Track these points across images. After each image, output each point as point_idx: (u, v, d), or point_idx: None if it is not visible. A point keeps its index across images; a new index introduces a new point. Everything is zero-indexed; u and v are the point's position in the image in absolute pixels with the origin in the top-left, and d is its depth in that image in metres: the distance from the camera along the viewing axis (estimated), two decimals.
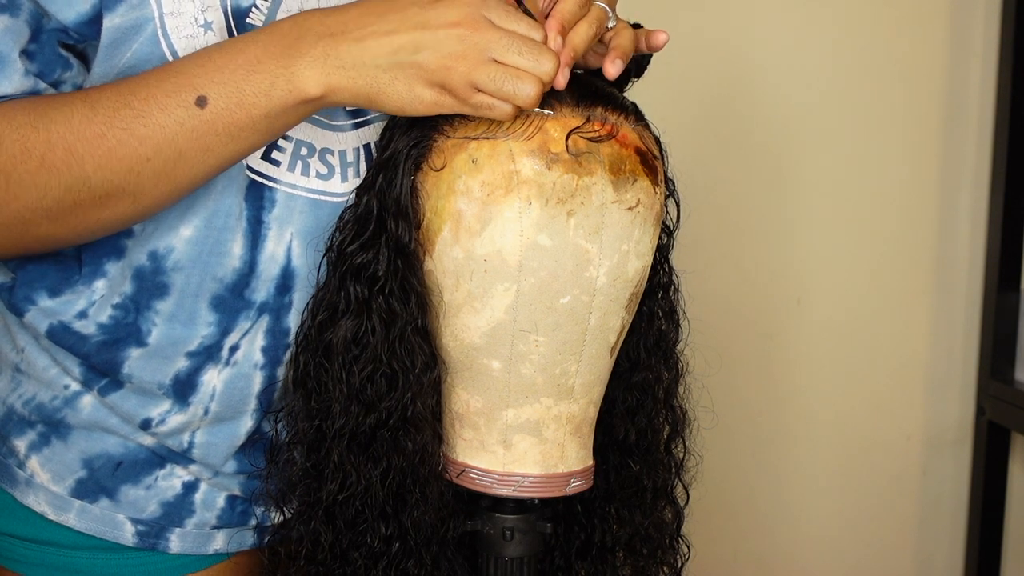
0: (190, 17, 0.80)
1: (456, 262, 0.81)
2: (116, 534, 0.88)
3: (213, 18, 0.80)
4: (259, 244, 0.85)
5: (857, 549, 1.79)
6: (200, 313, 0.85)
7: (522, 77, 0.75)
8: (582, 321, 0.81)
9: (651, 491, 0.94)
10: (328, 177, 0.86)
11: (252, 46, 0.76)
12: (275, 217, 0.85)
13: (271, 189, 0.85)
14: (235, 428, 0.89)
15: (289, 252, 0.86)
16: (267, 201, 0.85)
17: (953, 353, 1.77)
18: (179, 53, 0.79)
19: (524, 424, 0.84)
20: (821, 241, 1.73)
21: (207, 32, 0.80)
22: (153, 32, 0.79)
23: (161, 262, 0.84)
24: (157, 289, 0.85)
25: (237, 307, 0.86)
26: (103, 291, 0.85)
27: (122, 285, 0.85)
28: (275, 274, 0.86)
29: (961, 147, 1.73)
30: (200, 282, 0.85)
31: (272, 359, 0.88)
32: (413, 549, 0.85)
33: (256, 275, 0.86)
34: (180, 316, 0.85)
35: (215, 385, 0.87)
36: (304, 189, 0.86)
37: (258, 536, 0.93)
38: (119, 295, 0.85)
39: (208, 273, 0.85)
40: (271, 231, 0.85)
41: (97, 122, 0.76)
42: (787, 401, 1.75)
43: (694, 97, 1.66)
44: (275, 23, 0.78)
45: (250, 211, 0.84)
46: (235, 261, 0.85)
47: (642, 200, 0.81)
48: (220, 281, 0.85)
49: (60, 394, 0.87)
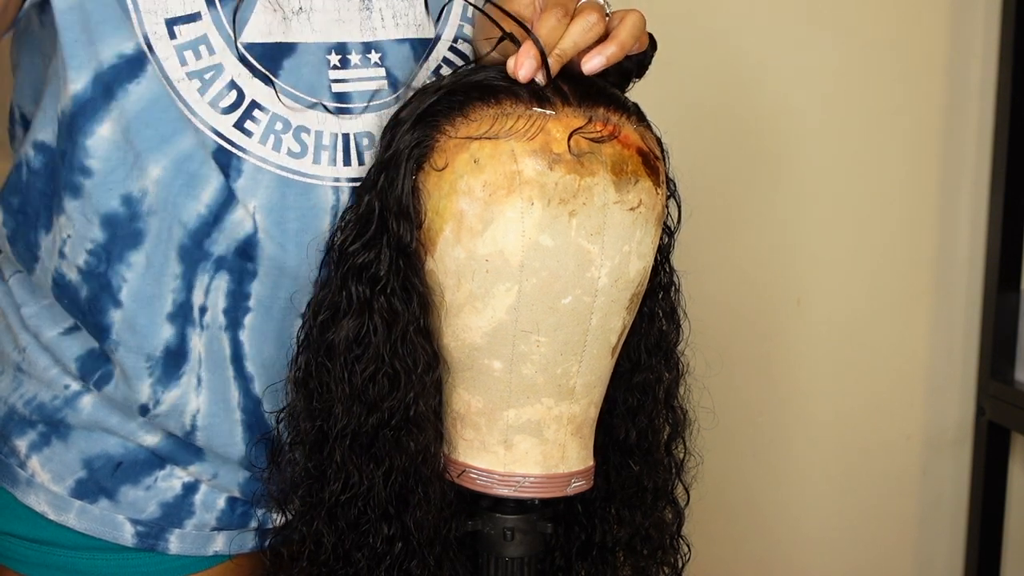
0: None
1: (458, 262, 0.81)
2: (116, 535, 0.88)
3: None
4: (228, 206, 0.84)
5: (857, 549, 1.79)
6: (169, 265, 0.85)
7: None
8: (583, 322, 0.81)
9: (651, 491, 0.94)
10: (300, 156, 0.85)
11: None
12: (240, 187, 0.84)
13: (239, 159, 0.84)
14: (226, 399, 0.88)
15: (255, 224, 0.85)
16: (234, 170, 0.84)
17: (953, 353, 1.77)
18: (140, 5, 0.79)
19: (525, 424, 0.84)
20: (821, 241, 1.73)
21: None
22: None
23: (137, 207, 0.83)
24: (132, 237, 0.84)
25: (196, 257, 0.85)
26: (68, 229, 0.84)
27: (89, 230, 0.84)
28: (239, 237, 0.85)
29: (961, 147, 1.73)
30: (170, 227, 0.84)
31: (232, 321, 0.87)
32: (416, 549, 0.85)
33: (220, 228, 0.84)
34: (153, 266, 0.85)
35: (200, 351, 0.87)
36: (272, 164, 0.85)
37: (259, 538, 0.93)
38: (90, 240, 0.84)
39: (176, 217, 0.84)
40: (237, 200, 0.84)
41: None
42: (787, 401, 1.75)
43: (695, 97, 1.66)
44: None
45: (220, 174, 0.84)
46: (201, 208, 0.84)
47: (644, 201, 0.81)
48: (184, 227, 0.84)
49: (60, 394, 0.88)
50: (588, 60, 0.79)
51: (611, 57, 0.80)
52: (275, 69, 0.84)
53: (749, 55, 1.68)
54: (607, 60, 0.80)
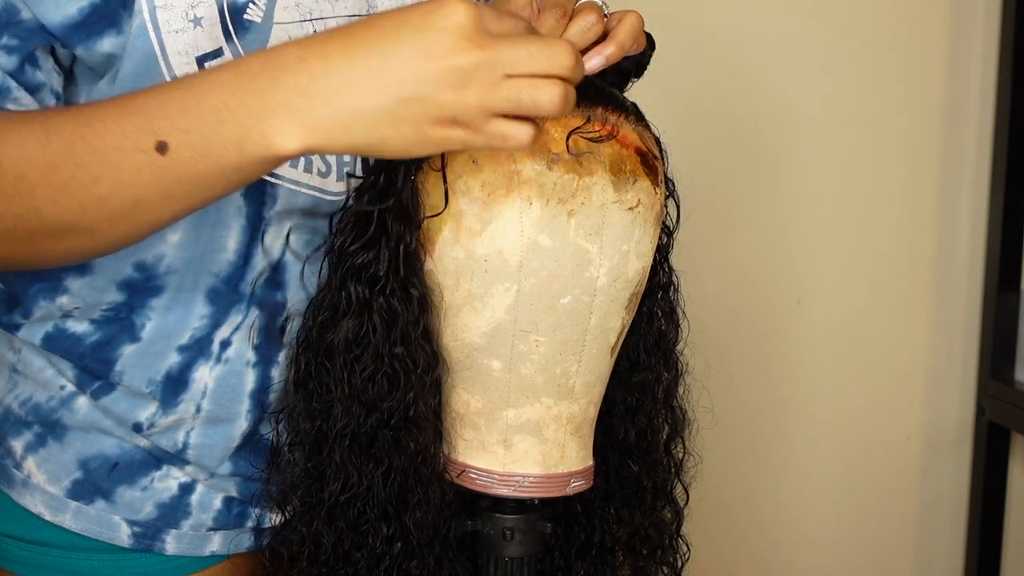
0: (181, 11, 0.76)
1: (457, 262, 0.81)
2: (112, 535, 0.88)
3: (204, 14, 0.77)
4: (256, 239, 0.85)
5: (857, 549, 1.79)
6: (195, 306, 0.85)
7: (539, 85, 0.67)
8: (582, 321, 0.81)
9: (651, 491, 0.94)
10: (327, 175, 0.86)
11: (218, 89, 0.67)
12: (276, 212, 0.85)
13: (273, 185, 0.85)
14: (230, 430, 0.88)
15: (285, 246, 0.86)
16: (268, 197, 0.85)
17: (953, 353, 1.77)
18: (167, 48, 0.77)
19: (524, 424, 0.84)
20: (821, 241, 1.73)
21: (196, 28, 0.77)
22: (141, 25, 0.76)
23: (152, 270, 0.84)
24: (151, 292, 0.85)
25: (231, 300, 0.86)
26: (70, 305, 0.85)
27: (104, 295, 0.84)
28: (267, 267, 0.86)
29: (961, 147, 1.73)
30: (196, 278, 0.85)
31: (265, 357, 0.88)
32: (415, 549, 0.85)
33: (251, 267, 0.86)
34: (176, 308, 0.85)
35: (207, 382, 0.87)
36: (306, 186, 0.86)
37: (255, 538, 0.93)
38: (106, 304, 0.85)
39: (204, 269, 0.85)
40: (271, 227, 0.85)
41: (51, 152, 0.69)
42: (787, 401, 1.75)
43: (694, 97, 1.66)
44: (242, 60, 0.69)
45: (250, 207, 0.84)
46: (230, 255, 0.85)
47: (642, 200, 0.81)
48: (216, 275, 0.85)
49: (56, 395, 0.87)
50: (587, 60, 0.79)
51: (610, 57, 0.80)
52: None
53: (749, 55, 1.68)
54: (606, 60, 0.80)
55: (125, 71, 0.77)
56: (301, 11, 0.82)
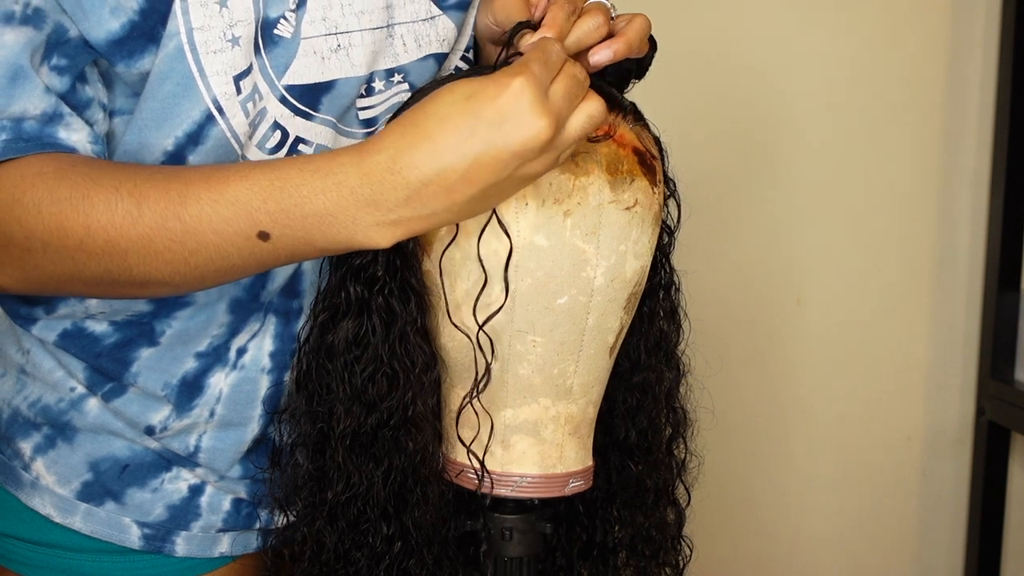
0: (219, 32, 0.78)
1: (454, 262, 0.81)
2: (122, 537, 0.88)
3: (242, 33, 0.78)
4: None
5: (857, 549, 1.79)
6: (217, 315, 0.86)
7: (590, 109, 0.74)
8: (580, 321, 0.81)
9: (652, 492, 0.94)
10: None
11: (320, 198, 0.72)
12: None
13: None
14: (241, 434, 0.89)
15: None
16: None
17: (953, 353, 1.77)
18: (205, 69, 0.78)
19: (522, 424, 0.84)
20: (821, 241, 1.73)
21: (234, 47, 0.78)
22: (178, 47, 0.77)
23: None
24: (180, 305, 0.85)
25: (251, 309, 0.87)
26: (97, 309, 0.85)
27: (134, 304, 0.85)
28: (287, 274, 0.87)
29: (961, 147, 1.73)
30: (223, 289, 0.85)
31: (280, 364, 0.88)
32: (415, 549, 0.85)
33: (271, 277, 0.86)
34: (198, 316, 0.86)
35: (222, 388, 0.87)
36: None
37: (263, 539, 0.93)
38: (132, 311, 0.85)
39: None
40: None
41: (143, 225, 0.73)
42: (787, 401, 1.75)
43: (694, 97, 1.66)
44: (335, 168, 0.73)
45: None
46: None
47: (640, 200, 0.81)
48: (239, 285, 0.86)
49: (66, 396, 0.87)
50: (596, 52, 0.79)
51: (618, 53, 0.80)
52: (315, 106, 0.84)
53: (750, 55, 1.69)
54: (614, 55, 0.80)
55: (164, 92, 0.78)
56: (327, 25, 0.83)
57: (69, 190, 0.73)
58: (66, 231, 0.73)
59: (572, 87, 0.72)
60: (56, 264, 0.75)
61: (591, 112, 0.74)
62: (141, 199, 0.73)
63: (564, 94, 0.72)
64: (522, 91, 0.69)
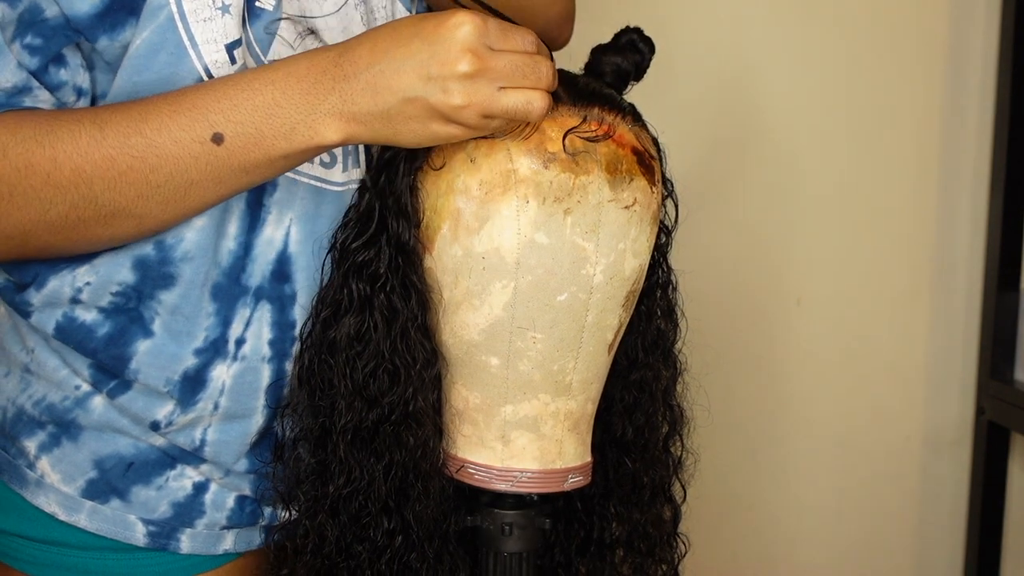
0: (208, 0, 0.80)
1: (455, 260, 0.81)
2: (127, 535, 0.88)
3: (232, 1, 0.80)
4: (256, 227, 0.86)
5: (856, 549, 1.79)
6: (203, 303, 0.86)
7: (531, 97, 0.76)
8: (579, 318, 0.82)
9: (649, 488, 0.95)
10: (331, 166, 0.87)
11: (269, 88, 0.77)
12: (276, 201, 0.86)
13: None
14: (246, 426, 0.89)
15: (287, 237, 0.86)
16: (268, 184, 0.85)
17: (953, 353, 1.77)
18: (196, 37, 0.80)
19: (522, 420, 0.84)
20: (821, 241, 1.73)
21: (224, 15, 0.80)
22: (169, 17, 0.79)
23: (169, 252, 0.84)
24: (162, 279, 0.85)
25: (234, 293, 0.86)
26: (88, 276, 0.85)
27: (118, 273, 0.85)
28: (271, 258, 0.86)
29: (961, 147, 1.73)
30: (207, 271, 0.85)
31: (279, 352, 0.88)
32: (415, 543, 0.86)
33: (251, 258, 0.86)
34: (184, 308, 0.85)
35: (224, 380, 0.87)
36: (306, 175, 0.86)
37: (267, 535, 0.93)
38: (117, 284, 0.85)
39: (213, 260, 0.85)
40: (271, 215, 0.86)
41: (107, 146, 0.76)
42: (786, 401, 1.76)
43: (694, 97, 1.67)
44: (289, 62, 0.78)
45: (250, 193, 0.85)
46: (231, 243, 0.85)
47: (638, 199, 0.82)
48: (219, 266, 0.85)
49: (71, 395, 0.87)
50: None
51: None
52: None
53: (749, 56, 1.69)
54: None
55: (160, 63, 0.79)
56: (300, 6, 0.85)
57: (32, 128, 0.76)
58: (33, 167, 0.75)
59: (524, 65, 0.76)
60: (22, 209, 0.76)
61: (531, 99, 0.76)
62: (103, 123, 0.77)
63: (510, 63, 0.75)
64: (461, 24, 0.74)
